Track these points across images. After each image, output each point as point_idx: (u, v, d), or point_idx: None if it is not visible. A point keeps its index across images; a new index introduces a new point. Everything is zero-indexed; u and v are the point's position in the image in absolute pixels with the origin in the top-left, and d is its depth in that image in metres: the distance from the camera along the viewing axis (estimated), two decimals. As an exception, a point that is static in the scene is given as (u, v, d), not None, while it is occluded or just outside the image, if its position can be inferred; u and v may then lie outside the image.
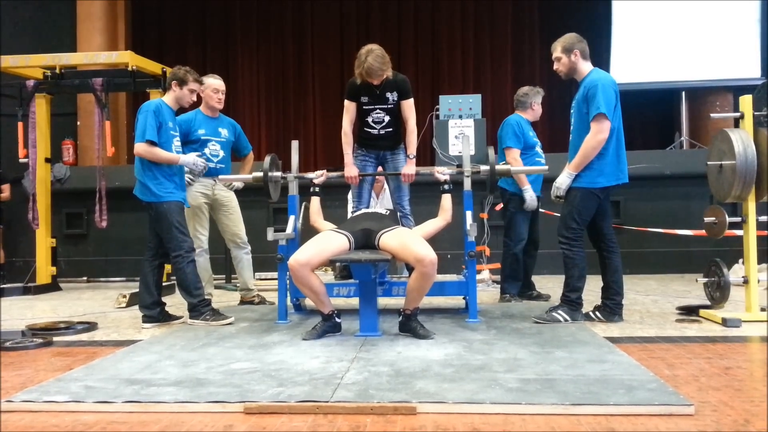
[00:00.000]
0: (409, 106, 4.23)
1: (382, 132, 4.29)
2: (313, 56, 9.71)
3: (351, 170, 4.21)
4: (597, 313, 3.88)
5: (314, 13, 9.71)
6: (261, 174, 4.10)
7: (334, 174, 4.25)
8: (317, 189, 4.14)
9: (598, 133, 3.63)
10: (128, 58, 5.90)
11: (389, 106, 4.22)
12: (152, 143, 3.88)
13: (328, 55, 9.65)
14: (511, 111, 4.99)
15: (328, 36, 9.67)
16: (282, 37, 9.74)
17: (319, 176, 4.15)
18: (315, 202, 4.10)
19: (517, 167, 4.32)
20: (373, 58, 4.00)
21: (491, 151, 3.98)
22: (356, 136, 4.37)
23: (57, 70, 6.09)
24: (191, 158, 4.10)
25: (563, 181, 3.78)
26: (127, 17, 8.96)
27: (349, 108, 4.25)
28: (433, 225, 3.85)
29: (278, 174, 4.21)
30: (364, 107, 4.23)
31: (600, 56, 8.57)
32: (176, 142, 4.10)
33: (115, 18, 8.60)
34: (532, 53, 9.43)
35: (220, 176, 4.55)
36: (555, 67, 3.91)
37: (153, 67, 6.05)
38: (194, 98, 4.18)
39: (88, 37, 8.21)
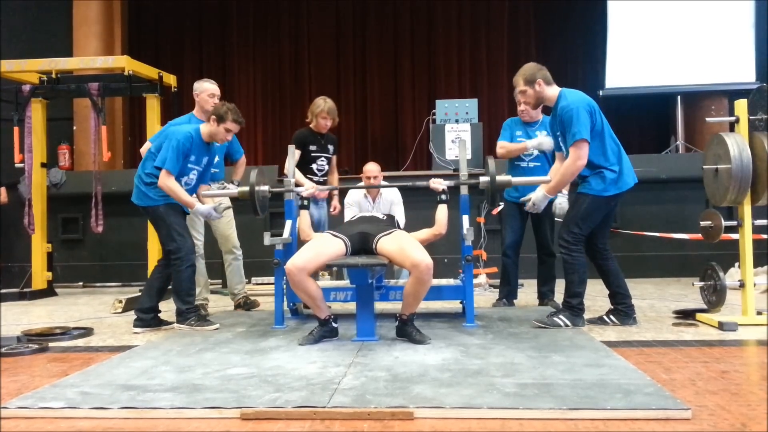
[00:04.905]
0: (335, 161, 5.09)
1: (322, 180, 4.94)
2: (309, 59, 9.71)
3: (310, 187, 4.21)
4: (611, 316, 3.88)
5: (311, 17, 9.72)
6: (247, 189, 3.94)
7: (323, 188, 4.24)
8: (305, 203, 4.03)
9: (578, 159, 3.60)
10: (124, 63, 5.88)
11: (329, 156, 4.97)
12: (168, 173, 3.85)
13: (324, 59, 9.66)
14: (506, 115, 5.00)
15: (324, 40, 9.67)
16: (278, 41, 9.74)
17: (306, 189, 4.08)
18: (304, 216, 4.00)
19: (518, 178, 4.11)
20: (331, 103, 4.82)
21: (491, 161, 3.83)
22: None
23: (53, 75, 6.07)
24: (206, 209, 4.05)
25: (541, 203, 3.78)
26: (124, 22, 8.94)
27: (295, 155, 4.60)
28: (425, 233, 3.80)
29: (265, 188, 4.09)
30: (312, 154, 4.85)
31: (596, 60, 8.61)
32: (192, 175, 4.01)
33: (112, 22, 8.58)
34: (528, 58, 9.42)
35: (203, 193, 4.30)
36: (522, 100, 3.88)
37: (149, 71, 6.04)
38: (229, 138, 4.05)
39: (85, 42, 8.19)
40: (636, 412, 2.13)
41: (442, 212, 3.84)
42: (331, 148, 4.99)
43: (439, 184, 3.86)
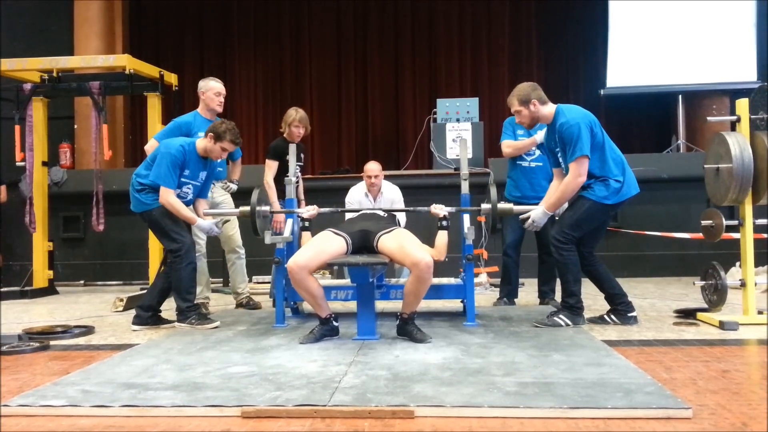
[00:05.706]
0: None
1: (298, 184, 4.88)
2: (310, 59, 9.70)
3: (312, 209, 4.04)
4: (612, 316, 3.90)
5: (311, 16, 9.71)
6: (248, 208, 3.91)
7: (326, 210, 4.17)
8: (307, 224, 3.88)
9: (578, 176, 3.60)
10: (125, 62, 5.88)
11: (303, 165, 5.03)
12: (168, 190, 3.86)
13: (325, 58, 9.65)
14: (507, 114, 4.98)
15: (325, 39, 9.66)
16: (279, 40, 9.73)
17: (308, 211, 3.94)
18: (306, 237, 3.85)
19: (519, 207, 3.99)
20: (303, 112, 4.86)
21: (494, 189, 3.79)
22: (277, 189, 4.81)
23: (54, 74, 6.07)
24: (207, 225, 4.07)
25: (541, 221, 3.76)
26: (125, 20, 8.95)
27: (272, 166, 4.82)
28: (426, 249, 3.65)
29: (266, 208, 4.12)
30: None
31: (597, 59, 8.60)
32: (186, 189, 4.02)
33: (113, 21, 8.58)
34: (529, 57, 9.44)
35: (205, 211, 4.27)
36: (518, 120, 3.89)
37: (150, 70, 6.04)
38: (224, 156, 4.13)
39: (86, 41, 8.19)
40: (637, 411, 2.13)
41: (441, 239, 3.68)
42: (302, 156, 5.01)
43: (440, 210, 3.75)
